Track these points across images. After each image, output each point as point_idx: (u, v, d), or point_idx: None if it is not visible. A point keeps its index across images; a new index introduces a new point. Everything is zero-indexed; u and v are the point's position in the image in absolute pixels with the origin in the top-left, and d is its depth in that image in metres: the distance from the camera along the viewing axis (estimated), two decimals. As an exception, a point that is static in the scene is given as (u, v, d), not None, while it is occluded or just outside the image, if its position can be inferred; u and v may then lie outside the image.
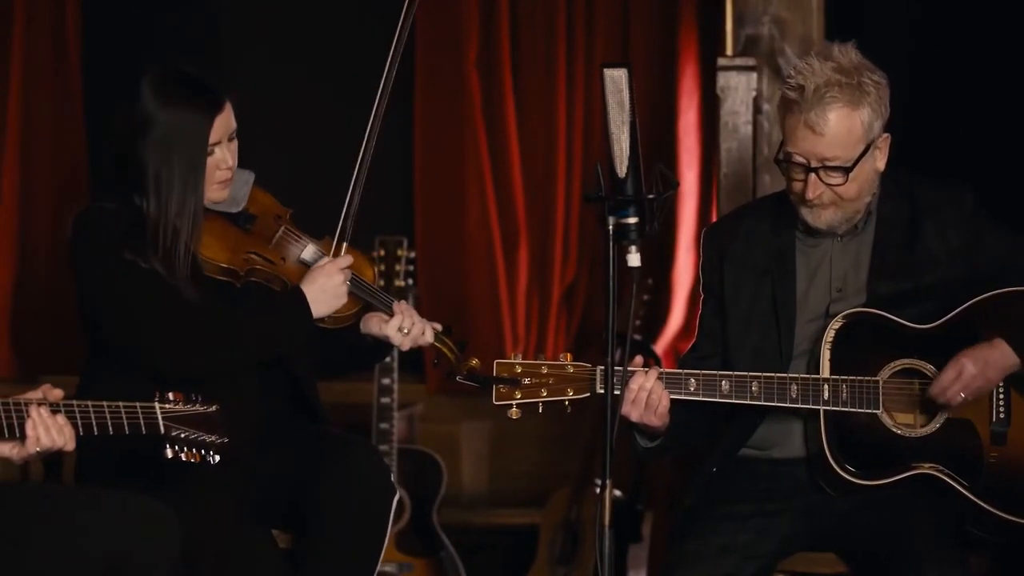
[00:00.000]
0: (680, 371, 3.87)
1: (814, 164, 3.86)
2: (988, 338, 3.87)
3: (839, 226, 3.95)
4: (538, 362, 3.85)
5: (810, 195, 3.87)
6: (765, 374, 3.85)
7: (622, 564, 6.06)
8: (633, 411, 3.84)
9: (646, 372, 3.83)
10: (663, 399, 3.84)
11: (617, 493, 5.80)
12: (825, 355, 3.87)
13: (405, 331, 4.00)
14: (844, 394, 3.84)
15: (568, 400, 3.85)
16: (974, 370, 3.82)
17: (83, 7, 6.81)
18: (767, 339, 3.96)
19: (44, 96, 6.79)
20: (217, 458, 3.58)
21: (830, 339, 3.87)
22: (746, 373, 3.86)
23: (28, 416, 3.44)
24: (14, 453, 3.49)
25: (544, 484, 6.42)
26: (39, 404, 3.46)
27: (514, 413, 3.84)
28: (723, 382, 3.85)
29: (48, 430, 3.45)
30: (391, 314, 4.02)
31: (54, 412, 3.47)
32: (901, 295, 3.92)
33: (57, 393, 3.51)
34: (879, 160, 3.94)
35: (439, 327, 4.06)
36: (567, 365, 3.86)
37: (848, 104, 3.85)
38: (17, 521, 3.49)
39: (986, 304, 3.91)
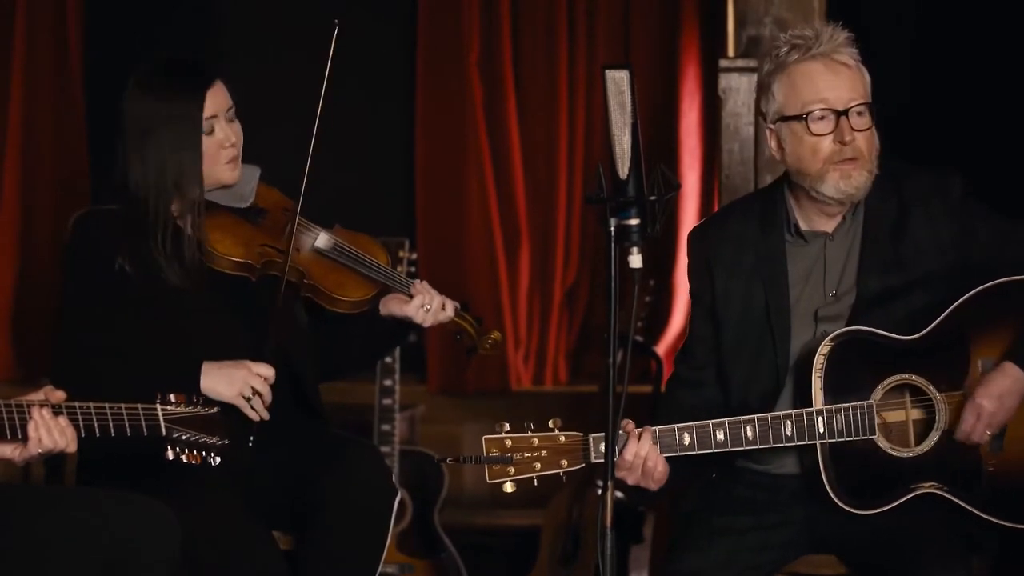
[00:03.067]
0: (672, 427, 3.75)
1: (842, 107, 3.77)
2: (981, 339, 3.82)
3: (863, 193, 3.82)
4: (529, 434, 3.73)
5: (847, 137, 3.76)
6: (759, 415, 3.76)
7: (624, 565, 6.05)
8: (629, 477, 3.76)
9: (639, 438, 3.72)
10: (659, 464, 3.75)
11: (619, 494, 5.80)
12: (816, 384, 3.78)
13: (426, 308, 4.03)
14: (839, 424, 3.76)
15: (563, 472, 3.76)
16: (992, 407, 3.75)
17: (84, 10, 6.82)
18: (763, 349, 3.88)
19: (45, 99, 6.80)
20: (218, 460, 3.58)
21: (820, 365, 3.78)
22: (739, 418, 3.76)
23: (30, 418, 3.44)
24: (16, 454, 3.49)
25: (545, 485, 6.40)
26: (41, 406, 3.46)
27: (508, 488, 3.74)
28: (718, 432, 3.74)
29: (50, 431, 3.45)
30: (410, 295, 4.05)
31: (56, 414, 3.47)
32: (891, 290, 3.85)
33: (59, 395, 3.51)
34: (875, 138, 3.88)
35: (457, 304, 4.11)
36: (559, 435, 3.74)
37: (855, 57, 3.82)
38: (19, 522, 3.49)
39: (970, 303, 3.83)
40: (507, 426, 3.74)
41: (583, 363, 6.94)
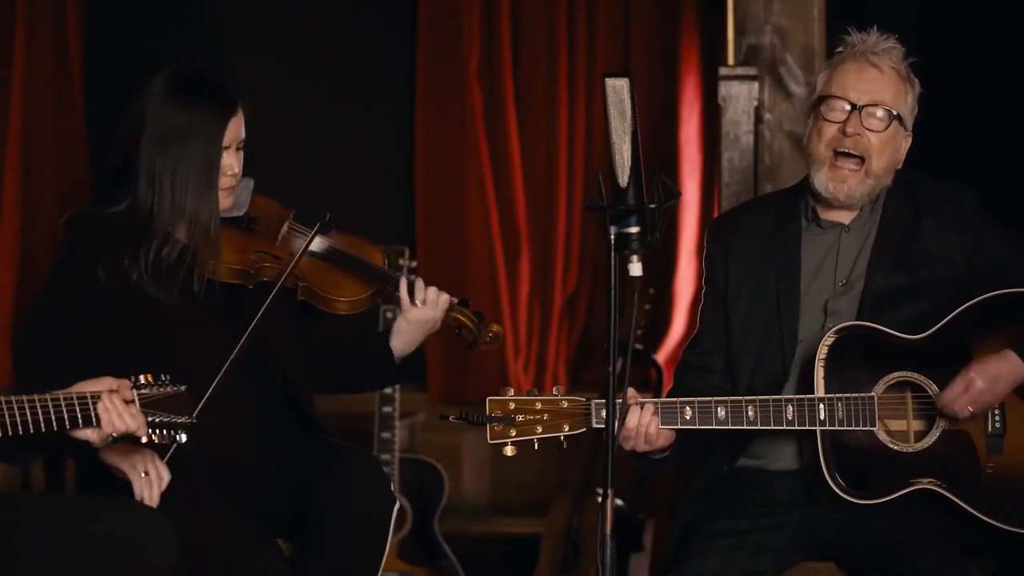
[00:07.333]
0: (675, 400, 3.82)
1: (861, 102, 3.89)
2: (984, 345, 3.86)
3: (857, 201, 3.93)
4: (532, 397, 3.79)
5: (850, 129, 3.88)
6: (760, 398, 3.82)
7: (623, 573, 6.06)
8: (629, 444, 3.82)
9: (641, 407, 3.80)
10: (660, 435, 3.82)
11: (619, 502, 5.80)
12: (819, 373, 3.84)
13: (420, 300, 4.04)
14: (840, 413, 3.82)
15: (564, 436, 3.80)
16: (983, 385, 3.80)
17: (84, 15, 6.82)
18: (771, 336, 3.95)
19: (45, 105, 6.79)
20: (183, 438, 3.56)
21: (823, 356, 3.84)
22: (741, 398, 3.83)
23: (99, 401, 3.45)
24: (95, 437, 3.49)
25: (545, 493, 6.42)
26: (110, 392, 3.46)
27: (509, 451, 3.80)
28: (719, 409, 3.81)
29: (121, 416, 3.45)
30: (398, 288, 4.06)
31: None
32: (897, 290, 3.91)
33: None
34: (902, 149, 3.97)
35: (455, 300, 4.12)
36: (561, 400, 3.80)
37: (902, 74, 3.95)
38: (18, 529, 3.49)
39: (977, 310, 3.88)
40: (511, 390, 3.80)
41: (583, 371, 6.93)
